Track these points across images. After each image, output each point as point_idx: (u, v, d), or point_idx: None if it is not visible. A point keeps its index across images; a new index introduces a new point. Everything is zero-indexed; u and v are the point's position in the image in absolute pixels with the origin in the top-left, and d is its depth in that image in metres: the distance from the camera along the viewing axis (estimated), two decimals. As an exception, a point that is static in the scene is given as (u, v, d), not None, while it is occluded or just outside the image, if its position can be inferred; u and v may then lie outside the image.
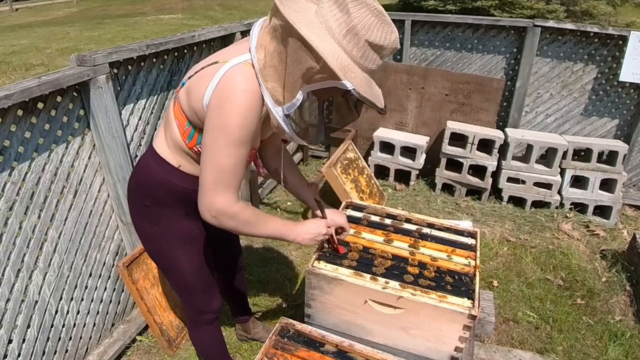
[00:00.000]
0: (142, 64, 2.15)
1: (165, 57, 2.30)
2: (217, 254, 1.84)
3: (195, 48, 2.53)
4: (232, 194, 1.20)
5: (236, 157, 1.15)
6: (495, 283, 2.77)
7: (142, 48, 2.03)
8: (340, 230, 1.66)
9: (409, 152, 3.83)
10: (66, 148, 1.84)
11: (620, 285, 2.77)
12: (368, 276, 1.53)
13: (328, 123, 1.21)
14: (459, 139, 3.69)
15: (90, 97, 1.85)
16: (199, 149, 1.26)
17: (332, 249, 1.65)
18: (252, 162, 1.44)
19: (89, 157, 1.96)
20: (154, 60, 2.22)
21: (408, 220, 1.89)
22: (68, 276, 1.94)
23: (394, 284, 1.50)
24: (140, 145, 2.24)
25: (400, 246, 1.72)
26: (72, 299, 1.97)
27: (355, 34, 1.04)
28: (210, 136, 1.12)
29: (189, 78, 1.21)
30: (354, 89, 1.04)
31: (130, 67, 2.08)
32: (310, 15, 1.04)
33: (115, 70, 2.00)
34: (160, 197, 1.41)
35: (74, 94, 1.83)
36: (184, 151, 1.33)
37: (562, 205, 3.56)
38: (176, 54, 2.38)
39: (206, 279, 1.62)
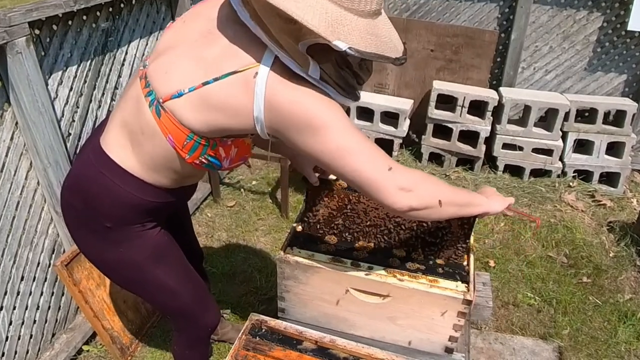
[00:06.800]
0: (70, 22, 2.08)
1: (98, 13, 2.23)
2: None
3: (134, 1, 2.47)
4: (397, 163, 1.21)
5: (359, 134, 1.16)
6: (491, 263, 2.86)
7: (68, 3, 1.96)
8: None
9: (391, 118, 3.86)
10: (-17, 127, 1.79)
11: (630, 260, 2.89)
12: (349, 262, 1.56)
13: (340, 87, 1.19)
14: (447, 102, 3.74)
15: (8, 65, 1.78)
16: (204, 159, 1.27)
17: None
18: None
19: (12, 138, 1.91)
20: (84, 17, 2.15)
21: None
22: (-5, 280, 1.91)
23: (378, 269, 1.53)
24: (74, 121, 2.19)
25: (384, 227, 1.76)
26: (1, 308, 1.95)
27: None
28: (329, 147, 1.14)
29: (192, 90, 1.15)
30: (349, 47, 1.00)
31: (55, 27, 2.01)
32: None
33: (37, 32, 1.93)
34: (125, 216, 1.38)
35: (-12, 61, 1.78)
36: (167, 166, 1.30)
37: (564, 173, 3.68)
38: (111, 9, 2.31)
39: (197, 289, 1.63)
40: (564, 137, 3.63)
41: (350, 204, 1.60)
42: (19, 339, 2.04)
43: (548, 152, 3.64)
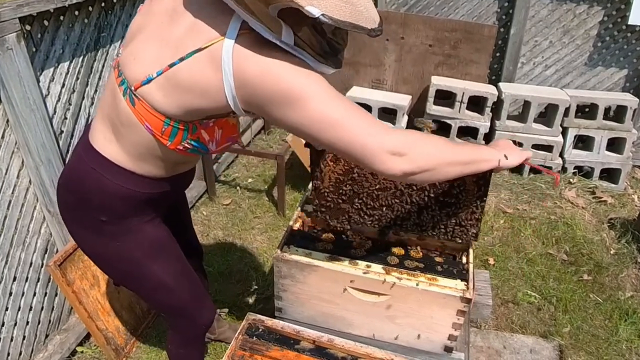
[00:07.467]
0: (62, 18, 2.07)
1: (90, 8, 2.22)
2: None
3: (126, -3, 2.46)
4: (386, 125, 1.14)
5: (343, 100, 1.11)
6: (491, 261, 2.87)
7: (60, -2, 1.96)
8: None
9: (389, 114, 3.86)
10: (-27, 125, 1.79)
11: (631, 257, 2.90)
12: (346, 260, 1.56)
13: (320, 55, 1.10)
14: (445, 97, 3.74)
15: (-1, 62, 1.78)
16: (187, 145, 1.25)
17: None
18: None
19: (2, 136, 1.90)
20: (76, 13, 2.14)
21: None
22: (-13, 280, 1.90)
23: (376, 267, 1.54)
24: (66, 118, 2.18)
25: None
26: (-7, 308, 1.95)
27: None
28: (312, 117, 1.08)
29: (159, 73, 1.13)
30: (323, 14, 0.97)
31: (46, 23, 2.00)
32: None
33: (28, 27, 1.92)
34: (119, 209, 1.37)
35: (-22, 58, 1.77)
36: (154, 155, 1.29)
37: (564, 169, 3.68)
38: (103, 4, 2.30)
39: (194, 286, 1.63)
40: (564, 133, 3.64)
41: (357, 167, 1.55)
42: (11, 340, 2.04)
43: (548, 148, 3.65)
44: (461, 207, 1.54)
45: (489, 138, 3.73)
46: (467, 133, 3.74)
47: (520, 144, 3.65)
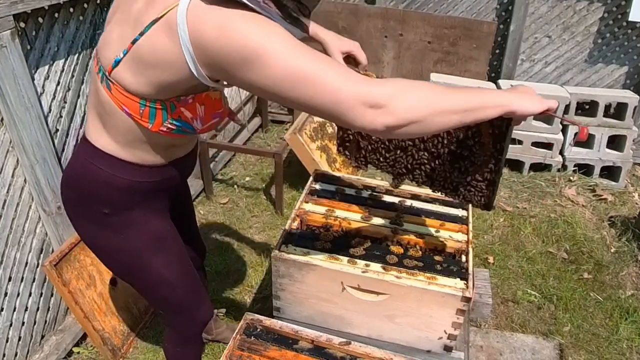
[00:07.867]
0: (57, 15, 2.07)
1: (85, 5, 2.22)
2: None
3: (122, -6, 2.45)
4: (365, 77, 1.04)
5: (312, 52, 1.02)
6: (491, 259, 2.87)
7: (55, -5, 1.95)
8: (352, 58, 1.50)
9: (388, 112, 3.86)
10: (-33, 124, 1.78)
11: (632, 255, 2.91)
12: (345, 259, 1.56)
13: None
14: (445, 95, 3.73)
15: (-7, 59, 1.78)
16: (170, 125, 1.23)
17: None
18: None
19: (-3, 134, 1.90)
20: (71, 10, 2.14)
21: (389, 192, 1.92)
22: (-18, 280, 1.90)
23: (375, 266, 1.53)
24: (61, 116, 2.18)
25: (381, 223, 1.76)
26: (-12, 308, 1.94)
27: None
28: (276, 75, 0.99)
29: (125, 53, 1.13)
30: None
31: (41, 20, 2.00)
32: None
33: (23, 25, 1.92)
34: (119, 200, 1.38)
35: (-28, 55, 1.76)
36: (142, 140, 1.29)
37: (564, 167, 3.69)
38: (98, 1, 2.30)
39: (194, 283, 1.63)
40: (564, 130, 3.64)
41: None
42: (7, 341, 2.04)
43: (548, 145, 3.65)
44: (475, 163, 1.40)
45: (488, 136, 3.72)
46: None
47: (520, 142, 3.65)
